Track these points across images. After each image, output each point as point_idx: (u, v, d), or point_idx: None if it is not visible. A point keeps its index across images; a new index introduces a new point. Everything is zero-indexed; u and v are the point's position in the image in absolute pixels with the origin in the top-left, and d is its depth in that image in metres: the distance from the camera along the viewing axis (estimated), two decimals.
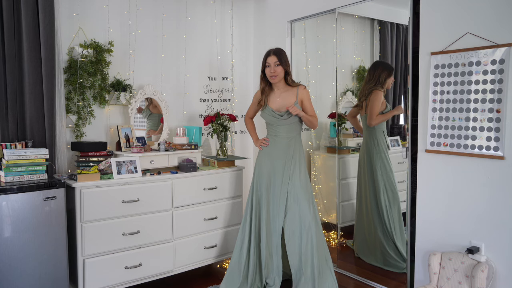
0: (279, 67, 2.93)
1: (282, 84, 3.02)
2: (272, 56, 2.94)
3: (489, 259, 2.40)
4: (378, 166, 3.36)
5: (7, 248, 2.47)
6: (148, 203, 2.99)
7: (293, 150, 2.97)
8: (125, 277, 2.92)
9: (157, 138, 3.52)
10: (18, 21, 2.83)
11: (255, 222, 3.04)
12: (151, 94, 3.41)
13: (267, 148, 3.04)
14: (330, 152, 3.94)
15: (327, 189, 4.01)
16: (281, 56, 2.94)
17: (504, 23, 2.30)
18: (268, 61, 2.95)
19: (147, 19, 3.53)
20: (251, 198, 3.08)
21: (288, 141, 2.97)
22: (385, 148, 3.36)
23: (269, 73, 2.95)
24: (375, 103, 3.33)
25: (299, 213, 2.90)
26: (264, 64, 2.99)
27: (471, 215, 2.50)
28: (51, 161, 2.90)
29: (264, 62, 2.99)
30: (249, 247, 3.04)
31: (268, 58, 2.96)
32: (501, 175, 2.35)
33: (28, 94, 2.86)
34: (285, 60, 2.96)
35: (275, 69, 2.93)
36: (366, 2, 3.18)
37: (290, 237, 2.92)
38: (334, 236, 3.88)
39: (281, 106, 2.97)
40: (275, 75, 2.93)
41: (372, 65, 3.55)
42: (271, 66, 2.93)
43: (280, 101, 3.00)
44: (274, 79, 2.95)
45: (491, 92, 2.35)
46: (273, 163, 2.99)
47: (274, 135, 3.01)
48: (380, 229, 3.37)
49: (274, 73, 2.93)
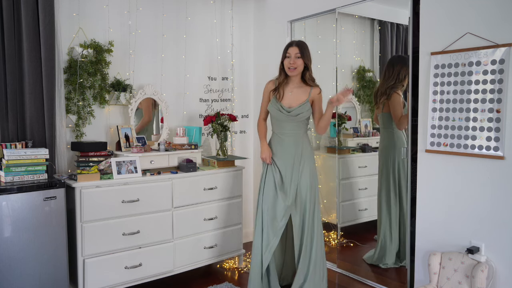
0: (299, 60, 2.79)
1: (298, 80, 2.88)
2: (294, 47, 2.79)
3: (489, 259, 2.40)
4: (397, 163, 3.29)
5: (7, 248, 2.47)
6: (148, 203, 2.99)
7: (301, 149, 2.86)
8: (125, 277, 2.92)
9: (157, 138, 3.52)
10: (18, 21, 2.83)
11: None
12: (151, 94, 3.41)
13: (274, 146, 2.93)
14: (330, 152, 3.93)
15: (327, 189, 4.01)
16: (303, 49, 2.80)
17: (504, 23, 2.30)
18: (289, 51, 2.80)
19: (147, 19, 3.53)
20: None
21: (295, 139, 2.86)
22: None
23: (288, 64, 2.80)
24: (397, 108, 3.23)
25: (301, 218, 2.86)
26: (285, 55, 2.83)
27: (471, 215, 2.50)
28: (51, 161, 2.90)
29: (285, 53, 2.83)
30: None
31: (289, 49, 2.80)
32: (501, 175, 2.35)
33: (28, 94, 2.86)
34: (307, 54, 2.82)
35: (295, 61, 2.78)
36: (366, 2, 3.18)
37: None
38: (334, 236, 3.88)
39: (292, 102, 2.86)
40: (294, 67, 2.79)
41: (389, 61, 3.44)
42: (292, 57, 2.79)
43: (291, 96, 2.87)
44: (293, 71, 2.80)
45: (491, 92, 2.35)
46: (283, 162, 2.88)
47: (280, 132, 2.90)
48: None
49: (294, 65, 2.78)
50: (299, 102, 2.86)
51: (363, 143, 3.74)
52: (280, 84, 2.89)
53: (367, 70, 3.74)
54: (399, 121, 3.25)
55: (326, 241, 3.98)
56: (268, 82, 2.98)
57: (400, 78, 3.23)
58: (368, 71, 3.75)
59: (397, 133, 3.31)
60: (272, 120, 2.97)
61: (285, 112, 2.84)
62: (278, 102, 2.86)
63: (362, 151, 3.75)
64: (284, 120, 2.86)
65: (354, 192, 3.69)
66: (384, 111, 3.34)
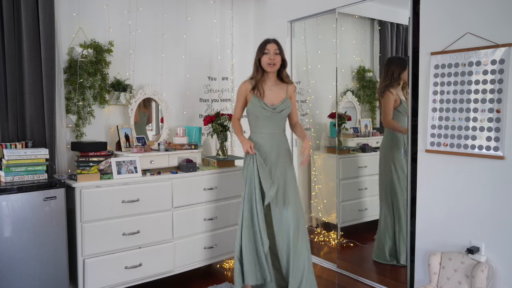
0: (278, 56, 2.81)
1: (273, 77, 2.90)
2: (272, 43, 2.82)
3: (489, 259, 2.40)
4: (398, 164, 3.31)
5: (7, 248, 2.47)
6: (148, 203, 2.99)
7: (284, 147, 2.88)
8: (125, 277, 2.92)
9: (157, 138, 3.52)
10: (18, 21, 2.83)
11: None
12: (151, 94, 3.41)
13: (257, 146, 2.86)
14: (330, 152, 3.94)
15: (327, 189, 4.01)
16: (280, 46, 2.85)
17: (505, 23, 2.30)
18: (268, 47, 2.80)
19: (147, 19, 3.53)
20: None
21: (278, 137, 2.87)
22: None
23: (267, 60, 2.79)
24: (385, 105, 3.31)
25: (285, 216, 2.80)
26: (262, 52, 2.82)
27: (471, 215, 2.50)
28: (51, 161, 2.90)
29: (262, 49, 2.82)
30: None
31: (268, 45, 2.81)
32: (501, 175, 2.35)
33: (28, 94, 2.86)
34: (282, 51, 2.86)
35: (275, 57, 2.80)
36: (366, 2, 3.18)
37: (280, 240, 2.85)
38: (334, 236, 3.88)
39: (273, 99, 2.86)
40: (274, 63, 2.80)
41: (386, 62, 3.52)
42: (271, 53, 2.79)
43: (272, 94, 2.87)
44: (272, 67, 2.81)
45: (491, 92, 2.35)
46: (267, 159, 2.84)
47: (261, 131, 2.87)
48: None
49: (273, 61, 2.80)
50: (280, 99, 2.87)
51: (363, 143, 3.75)
52: (259, 82, 2.88)
53: (367, 70, 3.75)
54: (384, 118, 3.32)
55: (326, 241, 3.99)
56: (243, 83, 2.93)
57: (394, 77, 3.28)
58: (368, 71, 3.76)
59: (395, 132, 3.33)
60: (252, 120, 2.92)
61: (270, 109, 2.83)
62: (260, 100, 2.84)
63: (362, 151, 3.75)
64: (267, 117, 2.84)
65: (354, 192, 3.70)
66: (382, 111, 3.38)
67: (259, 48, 2.86)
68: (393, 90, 3.29)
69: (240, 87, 2.93)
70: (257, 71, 2.88)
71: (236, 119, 2.99)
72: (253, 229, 2.83)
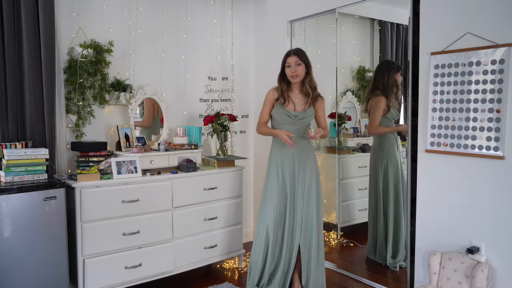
0: (300, 67, 2.91)
1: (300, 86, 2.99)
2: (292, 56, 2.91)
3: (489, 259, 2.40)
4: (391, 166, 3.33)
5: (7, 248, 2.47)
6: (148, 203, 2.99)
7: (306, 153, 2.96)
8: (125, 277, 2.92)
9: (157, 138, 3.52)
10: (18, 21, 2.83)
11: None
12: (151, 94, 3.41)
13: (278, 150, 2.99)
14: (330, 152, 3.93)
15: (327, 189, 4.01)
16: (301, 55, 2.92)
17: (504, 23, 2.30)
18: (289, 61, 2.92)
19: (147, 19, 3.53)
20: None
21: (300, 144, 2.95)
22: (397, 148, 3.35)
23: (290, 73, 2.91)
24: (375, 112, 3.32)
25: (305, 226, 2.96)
26: (284, 65, 2.96)
27: (471, 215, 2.50)
28: (51, 161, 2.90)
29: (284, 63, 2.96)
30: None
31: (288, 58, 2.93)
32: (501, 175, 2.35)
33: (28, 94, 2.86)
34: (305, 59, 2.93)
35: (296, 69, 2.90)
36: (366, 2, 3.18)
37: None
38: (334, 236, 3.88)
39: (297, 107, 2.97)
40: (297, 74, 2.91)
41: (375, 68, 3.58)
42: (292, 66, 2.90)
43: (297, 102, 2.98)
44: (295, 78, 2.92)
45: (491, 92, 2.35)
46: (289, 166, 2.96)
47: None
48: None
49: (295, 73, 2.90)
50: (304, 107, 2.97)
51: (363, 143, 3.75)
52: (284, 91, 2.99)
53: (367, 70, 3.75)
54: (370, 125, 3.37)
55: (326, 241, 3.98)
56: (272, 90, 3.04)
57: (383, 82, 3.31)
58: (368, 71, 3.75)
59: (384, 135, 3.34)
60: (275, 124, 3.04)
61: (293, 116, 2.94)
62: (284, 107, 2.96)
63: (362, 151, 3.75)
64: (289, 123, 2.94)
65: (354, 192, 3.70)
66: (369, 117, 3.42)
67: (282, 61, 2.98)
68: (382, 96, 3.30)
69: (268, 93, 3.05)
70: (280, 83, 3.01)
71: (263, 123, 3.08)
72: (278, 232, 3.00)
